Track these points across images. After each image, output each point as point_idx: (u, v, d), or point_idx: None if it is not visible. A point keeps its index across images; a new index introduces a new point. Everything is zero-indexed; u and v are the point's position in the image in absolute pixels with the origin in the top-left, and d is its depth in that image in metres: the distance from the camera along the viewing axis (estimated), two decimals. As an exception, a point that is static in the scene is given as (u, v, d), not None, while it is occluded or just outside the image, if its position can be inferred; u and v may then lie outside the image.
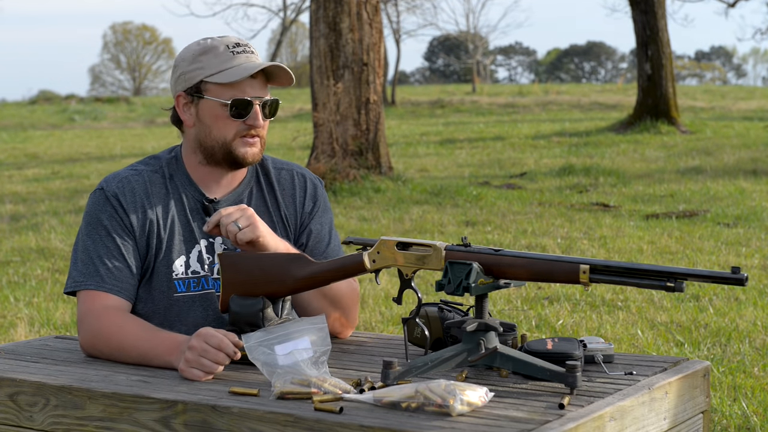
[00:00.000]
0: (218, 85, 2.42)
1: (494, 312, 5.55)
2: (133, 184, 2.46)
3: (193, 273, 2.47)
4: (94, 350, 2.36)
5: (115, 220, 2.43)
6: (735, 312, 5.50)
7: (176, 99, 2.50)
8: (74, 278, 2.42)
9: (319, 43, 11.37)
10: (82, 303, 2.39)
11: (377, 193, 10.89)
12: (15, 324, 5.63)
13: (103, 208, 2.44)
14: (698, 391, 2.17)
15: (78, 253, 2.44)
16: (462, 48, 60.35)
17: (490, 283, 2.06)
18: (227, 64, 2.42)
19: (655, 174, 12.79)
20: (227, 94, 2.42)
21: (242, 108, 2.42)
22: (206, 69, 2.43)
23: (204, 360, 2.13)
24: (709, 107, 27.63)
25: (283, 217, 2.56)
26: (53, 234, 9.00)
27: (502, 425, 1.77)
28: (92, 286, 2.39)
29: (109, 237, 2.42)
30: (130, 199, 2.44)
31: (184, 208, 2.49)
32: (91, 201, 2.47)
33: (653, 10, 18.09)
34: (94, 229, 2.43)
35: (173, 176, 2.50)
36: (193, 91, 2.45)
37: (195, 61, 2.45)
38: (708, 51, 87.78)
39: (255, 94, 2.44)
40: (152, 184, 2.47)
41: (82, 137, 24.97)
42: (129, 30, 70.05)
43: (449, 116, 27.95)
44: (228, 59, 2.42)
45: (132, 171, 2.49)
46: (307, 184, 2.60)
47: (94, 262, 2.40)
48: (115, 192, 2.44)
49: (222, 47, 2.44)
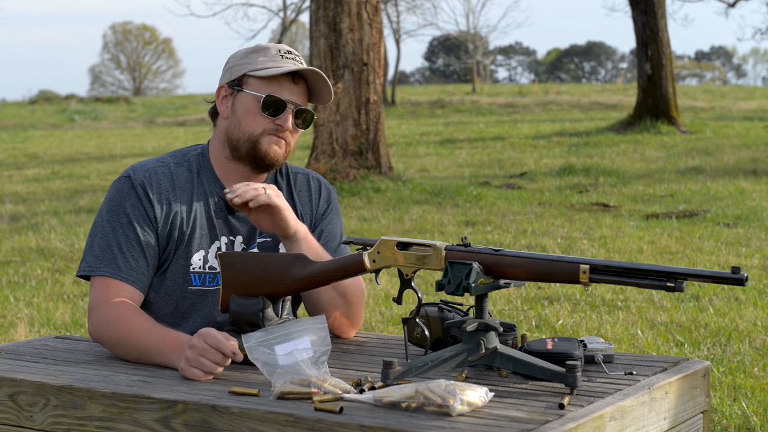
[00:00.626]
0: (259, 79, 2.46)
1: (494, 312, 5.55)
2: (159, 175, 2.47)
3: (210, 268, 2.48)
4: (101, 338, 2.36)
5: (138, 210, 2.43)
6: (735, 312, 5.50)
7: (218, 90, 2.54)
8: (89, 262, 2.42)
9: (319, 43, 11.37)
10: (96, 289, 2.39)
11: (377, 193, 10.89)
12: (15, 324, 5.63)
13: (128, 196, 2.44)
14: (698, 391, 2.17)
15: (96, 238, 2.43)
16: (462, 48, 60.36)
17: (490, 283, 2.06)
18: (273, 63, 2.47)
19: (655, 174, 12.79)
20: (265, 90, 2.46)
21: (275, 106, 2.46)
22: (252, 64, 2.48)
23: (203, 360, 2.13)
24: (709, 107, 27.64)
25: (298, 216, 2.57)
26: (53, 234, 9.00)
27: (502, 425, 1.77)
28: (108, 273, 2.39)
29: (129, 225, 2.42)
30: (156, 189, 2.45)
31: (208, 204, 2.50)
32: (115, 188, 2.47)
33: (653, 10, 18.09)
34: (116, 216, 2.43)
35: (200, 172, 2.52)
36: (235, 84, 2.50)
37: (245, 58, 2.50)
38: (708, 51, 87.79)
39: (291, 98, 2.47)
40: (178, 178, 2.49)
41: (82, 137, 24.97)
42: (129, 30, 70.06)
43: (449, 116, 27.95)
44: (275, 60, 2.48)
45: (159, 163, 2.50)
46: (322, 188, 2.65)
47: (112, 249, 2.40)
48: (142, 181, 2.45)
49: (274, 50, 2.50)
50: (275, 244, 2.54)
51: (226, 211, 2.51)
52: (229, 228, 2.51)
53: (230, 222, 2.51)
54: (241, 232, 2.51)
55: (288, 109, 2.46)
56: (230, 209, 2.50)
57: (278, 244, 2.53)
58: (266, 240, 2.53)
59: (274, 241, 2.54)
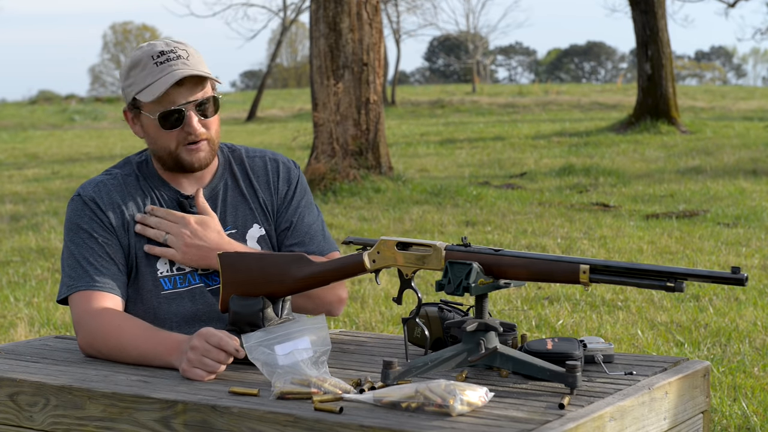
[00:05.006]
0: (147, 101, 2.43)
1: (494, 312, 5.55)
2: (108, 187, 2.47)
3: (178, 270, 2.47)
4: (92, 350, 2.35)
5: (95, 222, 2.44)
6: (735, 312, 5.50)
7: (124, 114, 2.53)
8: (65, 284, 2.43)
9: (319, 43, 11.37)
10: (77, 305, 2.38)
11: (377, 193, 10.88)
12: (15, 324, 5.63)
13: (82, 213, 2.45)
14: (698, 391, 2.17)
15: (65, 261, 2.45)
16: (462, 48, 60.38)
17: (490, 283, 2.06)
18: (150, 78, 2.41)
19: (655, 174, 12.79)
20: (156, 109, 2.43)
21: (172, 118, 2.43)
22: (135, 85, 2.44)
23: (206, 360, 2.13)
24: (709, 107, 27.65)
25: (261, 204, 2.57)
26: (53, 234, 9.00)
27: (502, 425, 1.77)
28: (83, 287, 2.39)
29: (91, 238, 2.42)
30: (107, 200, 2.45)
31: (162, 206, 2.50)
32: (69, 208, 2.48)
33: (653, 10, 18.09)
34: (76, 234, 2.44)
35: (146, 178, 2.52)
36: (132, 107, 2.48)
37: (127, 77, 2.47)
38: (708, 51, 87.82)
39: (184, 99, 2.43)
40: (127, 186, 2.49)
41: (82, 137, 24.97)
42: (129, 30, 70.09)
43: (449, 116, 27.96)
44: (151, 72, 2.41)
45: (106, 175, 2.51)
46: (280, 168, 2.60)
47: (81, 265, 2.41)
48: (92, 196, 2.45)
49: (146, 58, 2.43)
50: (241, 235, 2.53)
51: (180, 210, 2.50)
52: None
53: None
54: None
55: (187, 114, 2.43)
56: (183, 207, 2.50)
57: (244, 235, 2.53)
58: (231, 232, 2.52)
59: (239, 232, 2.53)
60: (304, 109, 32.32)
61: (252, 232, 2.54)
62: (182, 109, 2.42)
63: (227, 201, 2.55)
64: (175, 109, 2.42)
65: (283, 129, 24.65)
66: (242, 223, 2.54)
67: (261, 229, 2.55)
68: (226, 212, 2.54)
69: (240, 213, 2.55)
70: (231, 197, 2.55)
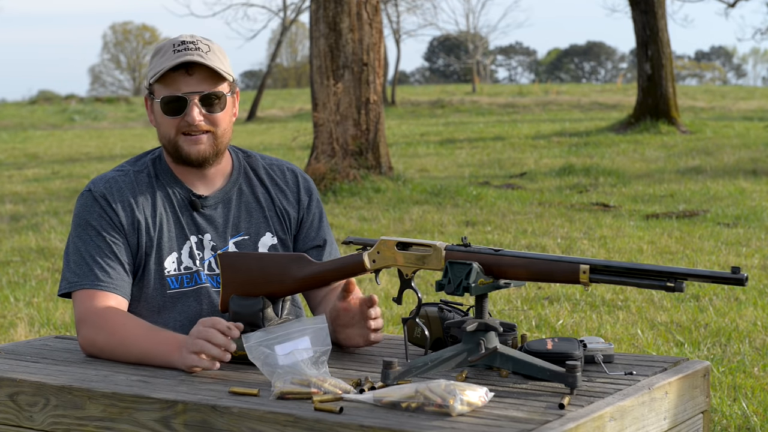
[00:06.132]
0: (158, 83, 2.44)
1: (494, 312, 5.55)
2: (120, 183, 2.46)
3: (185, 269, 2.47)
4: (94, 348, 2.34)
5: (104, 219, 2.42)
6: (735, 312, 5.50)
7: (144, 101, 2.55)
8: (68, 279, 2.41)
9: (319, 43, 11.37)
10: (80, 303, 2.38)
11: (377, 193, 10.88)
12: (15, 324, 5.63)
13: (92, 209, 2.44)
14: (698, 391, 2.17)
15: (69, 256, 2.43)
16: (462, 48, 60.37)
17: (490, 283, 2.06)
18: (167, 62, 2.41)
19: (655, 174, 12.79)
20: (163, 92, 2.43)
21: (174, 104, 2.43)
22: (152, 70, 2.46)
23: (200, 341, 2.13)
24: (709, 107, 27.65)
25: (278, 212, 2.56)
26: (53, 234, 9.00)
27: (502, 425, 1.77)
28: (88, 285, 2.38)
29: (99, 236, 2.41)
30: (118, 197, 2.44)
31: (173, 204, 2.49)
32: (79, 203, 2.47)
33: (653, 10, 18.09)
34: (84, 230, 2.43)
35: (159, 175, 2.51)
36: (149, 93, 2.49)
37: (150, 64, 2.49)
38: (708, 51, 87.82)
39: (190, 89, 2.42)
40: (139, 183, 2.48)
41: (82, 137, 24.97)
42: (129, 30, 70.09)
43: (449, 116, 27.96)
44: (168, 58, 2.42)
45: (118, 172, 2.50)
46: (299, 179, 2.61)
47: (87, 262, 2.40)
48: (102, 192, 2.44)
49: (168, 46, 2.45)
50: (253, 242, 2.52)
51: (191, 209, 2.49)
52: (196, 226, 2.49)
53: (197, 220, 2.49)
54: (208, 230, 2.49)
55: (190, 103, 2.42)
56: (195, 206, 2.49)
57: (256, 242, 2.52)
58: (243, 238, 2.52)
59: (252, 239, 2.52)
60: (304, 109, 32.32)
61: (264, 240, 2.53)
62: (185, 98, 2.42)
63: (241, 206, 2.54)
64: (178, 96, 2.42)
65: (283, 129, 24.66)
66: (255, 231, 2.53)
67: (273, 238, 2.54)
68: (240, 218, 2.53)
69: (254, 220, 2.54)
70: (245, 203, 2.54)
